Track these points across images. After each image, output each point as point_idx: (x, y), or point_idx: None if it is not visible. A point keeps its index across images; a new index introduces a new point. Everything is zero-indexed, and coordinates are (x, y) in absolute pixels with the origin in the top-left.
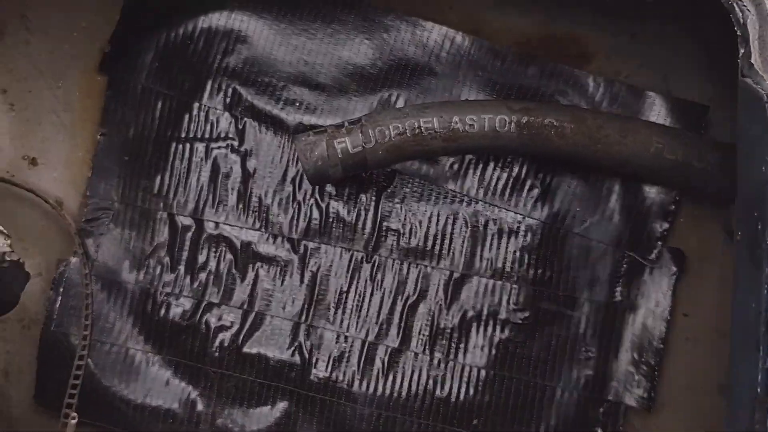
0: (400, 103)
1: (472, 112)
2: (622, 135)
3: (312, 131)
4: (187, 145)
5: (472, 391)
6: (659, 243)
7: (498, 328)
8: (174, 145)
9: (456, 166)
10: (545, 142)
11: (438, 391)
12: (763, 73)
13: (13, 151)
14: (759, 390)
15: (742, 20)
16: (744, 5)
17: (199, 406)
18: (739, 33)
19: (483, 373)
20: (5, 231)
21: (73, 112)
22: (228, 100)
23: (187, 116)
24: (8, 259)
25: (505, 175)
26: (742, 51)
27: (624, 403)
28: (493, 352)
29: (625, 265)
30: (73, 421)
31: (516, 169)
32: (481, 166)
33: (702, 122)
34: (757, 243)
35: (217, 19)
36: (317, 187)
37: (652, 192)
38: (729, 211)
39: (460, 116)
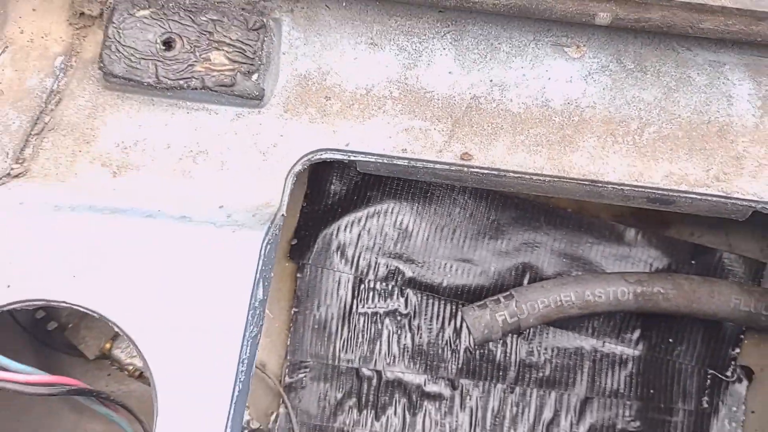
0: (527, 275)
1: (599, 286)
2: (710, 295)
3: (475, 305)
4: (365, 314)
5: None
6: (733, 362)
7: None
8: (354, 314)
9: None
10: (655, 305)
11: None
12: None
13: None
14: None
15: None
16: None
17: None
18: None
19: None
20: (247, 404)
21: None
22: (393, 275)
23: (362, 289)
24: (252, 427)
25: (614, 319)
26: None
27: None
28: None
29: (708, 380)
30: None
31: (620, 315)
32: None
33: (760, 273)
34: None
35: (385, 210)
36: (468, 336)
37: (726, 325)
38: None
39: (590, 290)
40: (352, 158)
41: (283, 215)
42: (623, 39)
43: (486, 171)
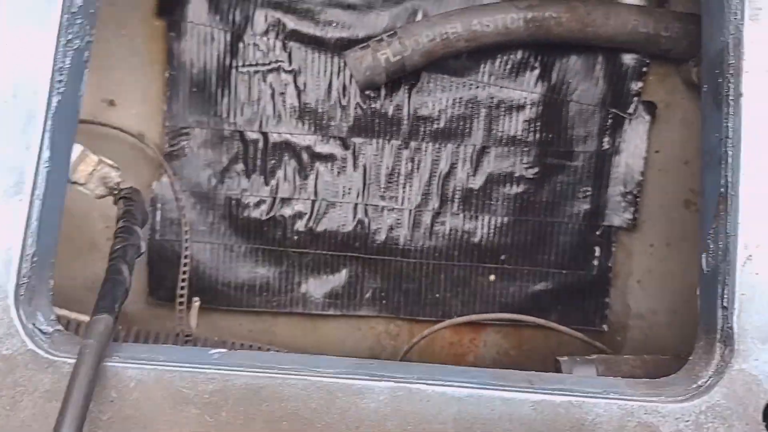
0: (420, 14)
1: (488, 15)
2: (606, 18)
3: (358, 47)
4: (245, 72)
5: (498, 236)
6: (635, 98)
7: (514, 184)
8: (234, 73)
9: (470, 60)
10: (547, 31)
11: (472, 239)
12: None
13: (92, 97)
14: (721, 189)
15: None
16: None
17: (285, 280)
18: None
19: (505, 220)
20: (115, 165)
21: (140, 55)
22: (274, 28)
23: (241, 46)
24: (123, 187)
25: (510, 61)
26: None
27: (614, 225)
28: (512, 203)
29: (610, 120)
30: (197, 303)
31: (519, 55)
32: (489, 57)
33: None
34: (718, 92)
35: None
36: (358, 92)
37: (627, 58)
38: (687, 66)
39: (478, 19)
40: None
41: None
42: None
43: None
